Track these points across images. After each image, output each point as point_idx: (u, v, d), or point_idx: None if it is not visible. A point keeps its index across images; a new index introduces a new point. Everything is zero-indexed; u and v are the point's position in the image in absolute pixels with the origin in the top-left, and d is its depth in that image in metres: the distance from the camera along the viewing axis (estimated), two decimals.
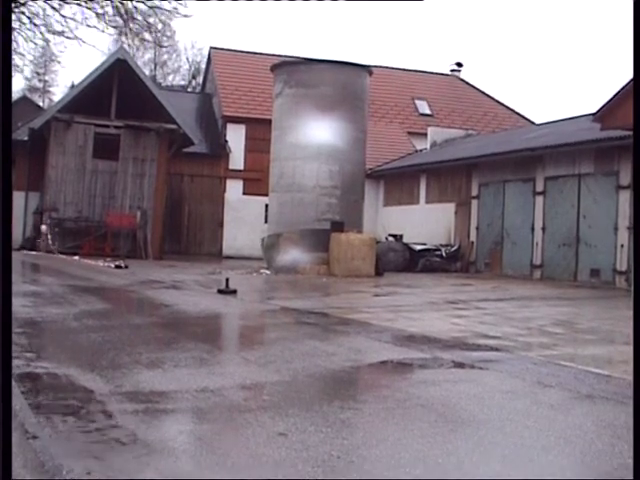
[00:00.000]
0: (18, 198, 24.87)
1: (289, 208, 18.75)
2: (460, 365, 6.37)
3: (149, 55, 46.70)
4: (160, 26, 15.62)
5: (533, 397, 5.22)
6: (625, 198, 15.69)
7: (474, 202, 21.52)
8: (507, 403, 5.09)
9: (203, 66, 39.34)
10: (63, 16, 14.68)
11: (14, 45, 14.27)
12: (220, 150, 29.20)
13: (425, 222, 23.64)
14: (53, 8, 14.65)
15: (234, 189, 29.09)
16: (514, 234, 19.62)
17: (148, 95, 24.20)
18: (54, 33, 14.91)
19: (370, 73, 19.89)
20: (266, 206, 21.74)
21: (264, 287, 15.35)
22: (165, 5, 14.86)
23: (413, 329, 8.33)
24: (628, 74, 11.53)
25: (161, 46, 17.51)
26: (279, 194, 19.19)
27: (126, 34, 16.18)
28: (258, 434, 3.86)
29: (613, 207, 16.19)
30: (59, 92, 44.88)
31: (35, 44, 15.31)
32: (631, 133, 11.40)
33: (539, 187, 18.64)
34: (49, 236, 22.72)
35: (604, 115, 14.09)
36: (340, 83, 18.75)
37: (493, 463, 3.75)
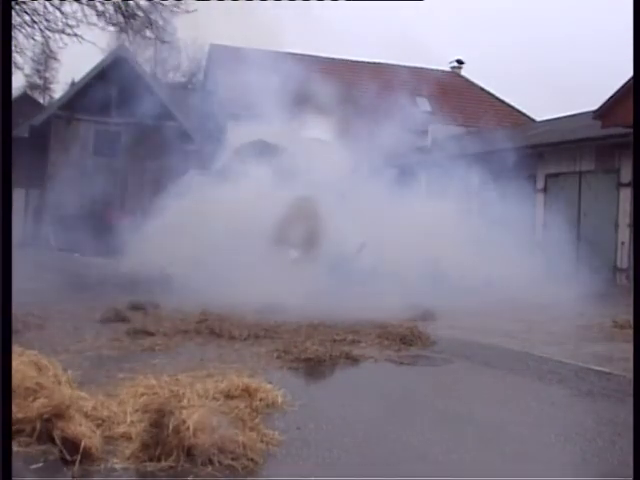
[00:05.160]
0: (19, 196, 24.84)
1: None
2: (460, 361, 6.37)
3: (149, 52, 46.55)
4: (161, 23, 15.58)
5: (534, 394, 5.22)
6: (626, 195, 15.66)
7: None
8: (507, 400, 5.10)
9: (203, 63, 39.24)
10: (63, 13, 14.64)
11: (14, 42, 14.25)
12: None
13: None
14: (54, 5, 14.61)
15: None
16: None
17: (148, 92, 24.18)
18: (54, 30, 14.86)
19: None
20: None
21: None
22: (166, 2, 14.83)
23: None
24: (629, 72, 11.50)
25: (163, 41, 17.36)
26: None
27: (127, 31, 16.17)
28: None
29: (614, 204, 16.16)
30: (59, 89, 44.77)
31: (35, 41, 15.29)
32: (632, 131, 11.38)
33: (539, 184, 18.62)
34: (50, 233, 22.72)
35: (605, 112, 14.06)
36: None
37: (493, 460, 3.75)
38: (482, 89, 34.82)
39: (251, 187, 12.12)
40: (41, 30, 15.03)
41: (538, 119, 29.61)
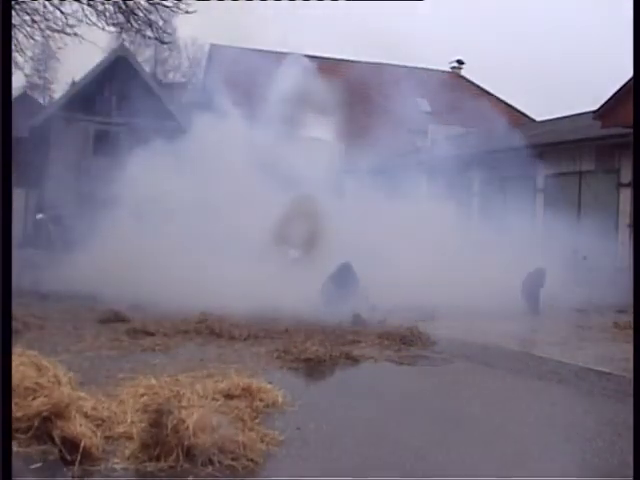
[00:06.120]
0: (19, 196, 24.79)
1: None
2: (461, 361, 6.37)
3: (149, 52, 46.50)
4: (161, 23, 15.55)
5: (534, 394, 5.22)
6: (626, 195, 15.64)
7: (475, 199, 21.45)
8: (507, 400, 5.09)
9: (204, 63, 39.21)
10: (63, 13, 14.61)
11: (14, 42, 14.21)
12: None
13: None
14: (54, 5, 14.58)
15: None
16: None
17: (149, 92, 24.17)
18: (54, 30, 14.84)
19: None
20: None
21: None
22: (166, 2, 14.80)
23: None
24: (629, 72, 11.49)
25: (163, 42, 17.37)
26: None
27: (127, 31, 16.13)
28: None
29: (614, 205, 16.15)
30: (59, 89, 44.72)
31: (35, 41, 15.26)
32: (632, 131, 11.37)
33: (539, 184, 18.60)
34: (50, 234, 22.69)
35: (605, 113, 14.04)
36: None
37: (493, 460, 3.75)
38: (482, 89, 34.80)
39: None
40: (41, 30, 15.01)
41: (538, 119, 29.58)
